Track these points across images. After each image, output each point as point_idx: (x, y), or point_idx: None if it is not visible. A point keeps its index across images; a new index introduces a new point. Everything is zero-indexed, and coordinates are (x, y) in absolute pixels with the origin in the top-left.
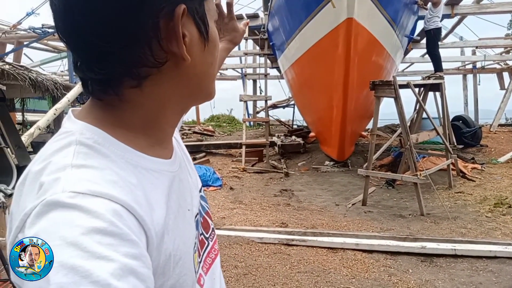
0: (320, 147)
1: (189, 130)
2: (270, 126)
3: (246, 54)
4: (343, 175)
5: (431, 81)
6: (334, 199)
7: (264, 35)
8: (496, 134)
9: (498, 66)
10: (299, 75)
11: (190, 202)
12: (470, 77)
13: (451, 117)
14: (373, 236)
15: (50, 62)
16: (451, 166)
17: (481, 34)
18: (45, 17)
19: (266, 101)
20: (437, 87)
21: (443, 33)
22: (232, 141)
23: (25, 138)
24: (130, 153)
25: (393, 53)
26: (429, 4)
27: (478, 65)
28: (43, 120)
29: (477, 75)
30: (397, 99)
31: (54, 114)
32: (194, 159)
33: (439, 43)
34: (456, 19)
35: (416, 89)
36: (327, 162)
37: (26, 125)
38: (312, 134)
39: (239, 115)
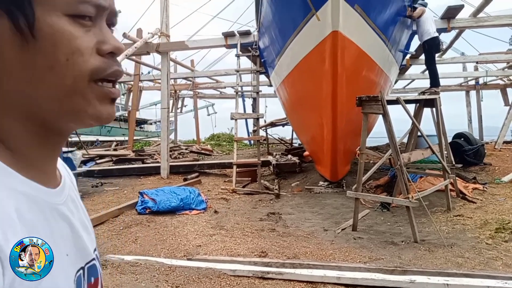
0: (315, 167)
1: (186, 149)
2: (271, 145)
3: (238, 71)
4: (337, 196)
5: (424, 96)
6: (323, 224)
7: (255, 52)
8: (501, 152)
9: (501, 82)
10: (289, 92)
11: (72, 249)
12: (473, 93)
13: (453, 134)
14: (358, 268)
15: None
16: (450, 187)
17: (483, 49)
18: None
19: (258, 119)
20: (432, 103)
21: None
22: (226, 160)
23: None
24: None
25: (386, 68)
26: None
27: (481, 81)
28: None
29: (480, 91)
30: (385, 116)
31: None
32: (185, 179)
33: (439, 57)
34: (454, 33)
35: (412, 106)
36: (321, 183)
37: None
38: (306, 153)
39: (240, 133)
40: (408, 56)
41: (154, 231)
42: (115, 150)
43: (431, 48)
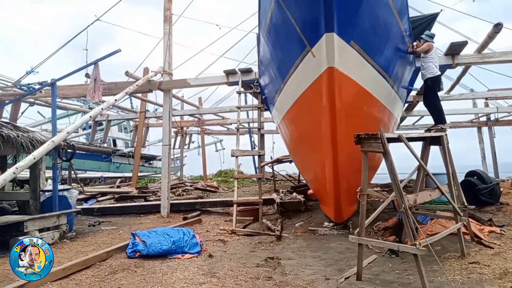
0: (320, 206)
1: (191, 186)
2: (279, 182)
3: (239, 108)
4: (342, 239)
5: (429, 134)
6: (325, 271)
7: (257, 89)
8: None
9: None
10: (290, 129)
11: None
12: (485, 129)
13: (467, 171)
14: None
15: (59, 119)
16: (464, 230)
17: (493, 85)
18: (44, 76)
19: (259, 156)
20: (438, 141)
21: (449, 84)
22: (229, 198)
23: None
24: None
25: (389, 104)
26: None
27: (492, 117)
28: None
29: (492, 127)
30: (386, 155)
31: (14, 173)
32: (184, 218)
33: (446, 93)
34: (459, 69)
35: (419, 143)
36: (326, 223)
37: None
38: (310, 191)
39: (248, 169)
40: (414, 93)
41: (140, 279)
42: (118, 187)
43: (434, 85)
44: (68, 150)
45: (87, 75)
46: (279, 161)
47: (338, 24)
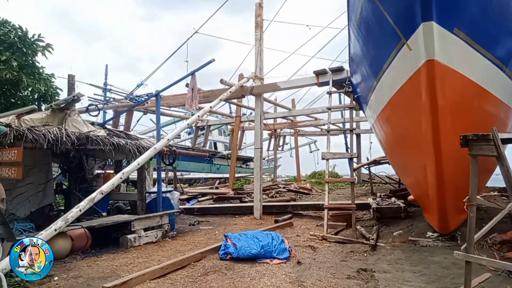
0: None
1: (284, 188)
2: (377, 184)
3: (329, 109)
4: (448, 252)
5: None
6: None
7: (348, 87)
8: None
9: None
10: (385, 129)
11: None
12: None
13: None
14: None
15: (165, 126)
16: None
17: None
18: (151, 88)
19: (351, 158)
20: None
21: None
22: (321, 202)
23: (85, 203)
24: None
25: (507, 98)
26: None
27: None
28: (107, 185)
29: None
30: (500, 159)
31: (121, 178)
32: (276, 221)
33: None
34: None
35: None
36: (429, 233)
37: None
38: (411, 197)
39: (343, 171)
40: None
41: (229, 282)
42: (217, 188)
43: None
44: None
45: (187, 85)
46: (376, 162)
47: (437, 10)
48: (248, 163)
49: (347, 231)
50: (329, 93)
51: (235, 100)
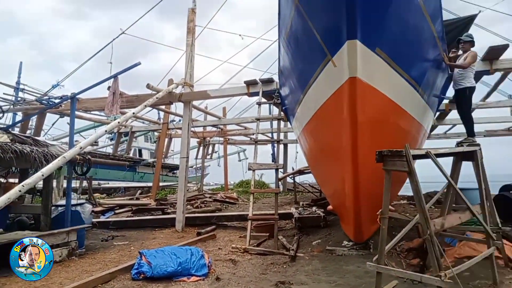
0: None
1: (210, 197)
2: (301, 193)
3: (258, 119)
4: (362, 261)
5: (462, 148)
6: None
7: (277, 99)
8: None
9: None
10: (309, 141)
11: None
12: None
13: (499, 179)
14: None
15: (84, 131)
16: (497, 253)
17: None
18: (72, 89)
19: (277, 169)
20: (471, 156)
21: (485, 91)
22: (246, 212)
23: None
24: None
25: (419, 116)
26: (461, 60)
27: None
28: (2, 199)
29: None
30: (411, 175)
31: (20, 191)
32: (198, 234)
33: (482, 100)
34: (498, 75)
35: (449, 159)
36: (345, 242)
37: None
38: (330, 207)
39: (271, 179)
40: (447, 101)
41: None
42: (137, 198)
43: (471, 95)
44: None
45: (109, 88)
46: (300, 172)
47: (361, 30)
48: (175, 172)
49: (270, 241)
50: (259, 103)
51: (162, 107)
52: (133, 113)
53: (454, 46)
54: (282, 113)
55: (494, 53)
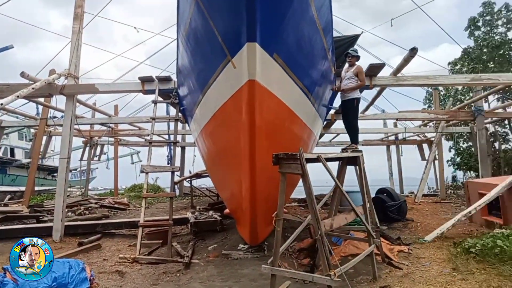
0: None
1: (96, 203)
2: (199, 197)
3: (154, 119)
4: (257, 263)
5: (347, 154)
6: None
7: (175, 99)
8: (421, 206)
9: (418, 138)
10: (207, 143)
11: None
12: (393, 147)
13: (376, 184)
14: None
15: None
16: (376, 251)
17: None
18: None
19: (173, 172)
20: (355, 161)
21: (364, 105)
22: (137, 219)
23: None
24: None
25: (310, 123)
26: (350, 73)
27: (400, 136)
28: None
29: (399, 146)
30: (305, 177)
31: None
32: (80, 244)
33: (361, 113)
34: (375, 91)
35: (336, 163)
36: (241, 246)
37: None
38: (226, 211)
39: (167, 183)
40: (333, 111)
41: None
42: (5, 205)
43: (358, 105)
44: None
45: None
46: (198, 175)
47: (261, 33)
48: (55, 174)
49: (163, 249)
50: (154, 102)
51: (41, 100)
52: (1, 104)
53: (341, 60)
54: (180, 113)
55: (373, 70)
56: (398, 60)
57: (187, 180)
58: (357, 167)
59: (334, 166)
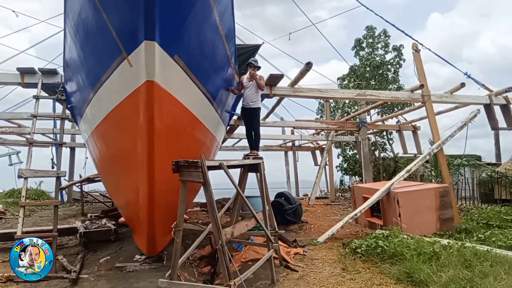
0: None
1: None
2: (91, 203)
3: (35, 116)
4: (155, 275)
5: (249, 161)
6: None
7: (62, 95)
8: (314, 208)
9: (311, 145)
10: (99, 146)
11: None
12: (290, 153)
13: (276, 191)
14: None
15: None
16: (274, 254)
17: (298, 116)
18: None
19: (58, 177)
20: (256, 168)
21: (265, 112)
22: (13, 230)
23: None
24: None
25: (213, 128)
26: (253, 84)
27: (296, 143)
28: None
29: (296, 152)
30: (206, 186)
31: None
32: None
33: (262, 120)
34: (275, 100)
35: (238, 169)
36: (137, 257)
37: None
38: (122, 219)
39: (51, 187)
40: (235, 117)
41: None
42: None
43: (260, 113)
44: None
45: None
46: (90, 180)
47: (160, 32)
48: None
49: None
50: (36, 97)
51: None
52: None
53: (243, 68)
54: (68, 111)
55: (273, 79)
56: (295, 72)
57: (77, 185)
58: (258, 174)
59: (236, 172)
